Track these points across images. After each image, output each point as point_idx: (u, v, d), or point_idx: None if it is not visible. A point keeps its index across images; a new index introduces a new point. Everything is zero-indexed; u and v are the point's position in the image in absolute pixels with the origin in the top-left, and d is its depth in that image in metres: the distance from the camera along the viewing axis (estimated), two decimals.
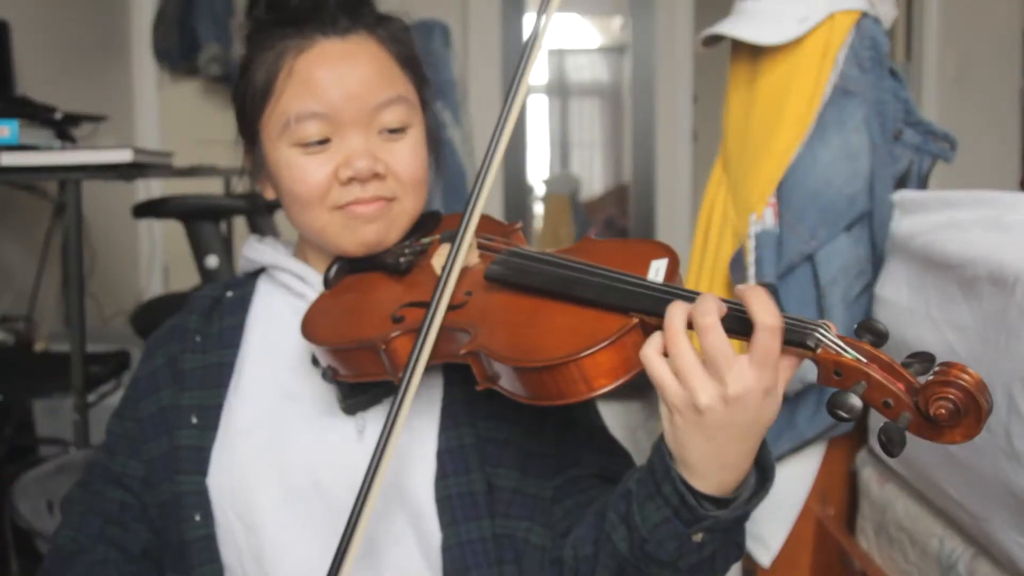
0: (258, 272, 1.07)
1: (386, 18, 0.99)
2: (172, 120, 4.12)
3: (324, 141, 0.93)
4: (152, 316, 2.82)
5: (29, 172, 2.09)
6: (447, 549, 0.91)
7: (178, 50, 4.04)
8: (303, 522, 0.93)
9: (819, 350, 0.71)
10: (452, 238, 0.95)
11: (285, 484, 0.93)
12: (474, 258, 0.94)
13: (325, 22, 0.94)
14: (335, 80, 0.92)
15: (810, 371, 0.70)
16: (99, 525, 1.00)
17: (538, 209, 7.92)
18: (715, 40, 1.91)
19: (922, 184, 1.80)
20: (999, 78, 4.49)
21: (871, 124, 1.75)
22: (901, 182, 1.78)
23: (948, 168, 1.87)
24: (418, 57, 1.01)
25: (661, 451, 0.77)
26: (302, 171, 0.93)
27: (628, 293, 0.78)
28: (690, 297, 0.75)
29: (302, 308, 0.98)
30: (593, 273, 0.82)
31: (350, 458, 0.92)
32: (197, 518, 0.94)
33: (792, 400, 1.76)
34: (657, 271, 0.83)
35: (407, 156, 0.95)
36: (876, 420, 1.73)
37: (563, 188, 7.81)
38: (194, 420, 0.98)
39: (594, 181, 8.55)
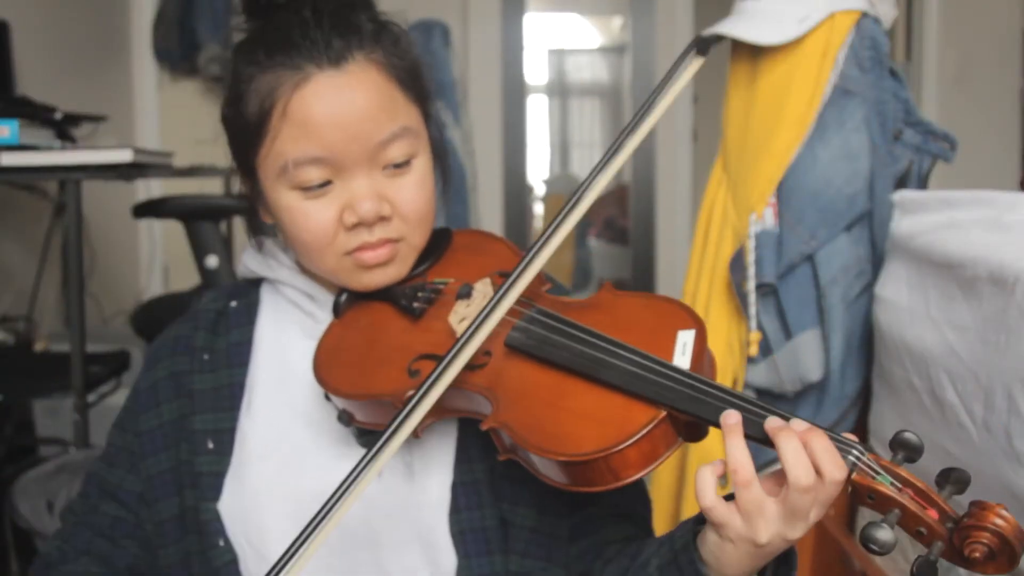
0: (259, 278, 1.04)
1: (382, 29, 0.91)
2: (172, 120, 4.12)
3: (326, 183, 0.88)
4: (152, 316, 2.82)
5: (29, 172, 2.09)
6: None
7: (178, 50, 4.04)
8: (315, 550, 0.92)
9: (854, 475, 0.72)
10: (467, 294, 0.92)
11: (298, 511, 0.91)
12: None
13: (318, 48, 0.86)
14: (334, 121, 0.86)
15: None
16: (87, 538, 0.99)
17: (538, 209, 7.91)
18: (715, 40, 1.90)
19: (922, 184, 1.80)
20: (999, 78, 4.49)
21: (871, 124, 1.75)
22: (901, 182, 1.78)
23: (948, 168, 1.87)
24: (419, 65, 0.94)
25: (691, 556, 0.76)
26: (304, 217, 0.89)
27: (658, 386, 0.76)
28: (727, 399, 0.74)
29: (311, 327, 0.97)
30: (620, 356, 0.79)
31: (366, 491, 0.90)
32: (221, 543, 0.93)
33: (792, 400, 1.76)
34: (684, 346, 0.80)
35: (413, 192, 0.91)
36: (875, 424, 1.72)
37: (563, 188, 7.80)
38: (210, 445, 0.95)
39: None
